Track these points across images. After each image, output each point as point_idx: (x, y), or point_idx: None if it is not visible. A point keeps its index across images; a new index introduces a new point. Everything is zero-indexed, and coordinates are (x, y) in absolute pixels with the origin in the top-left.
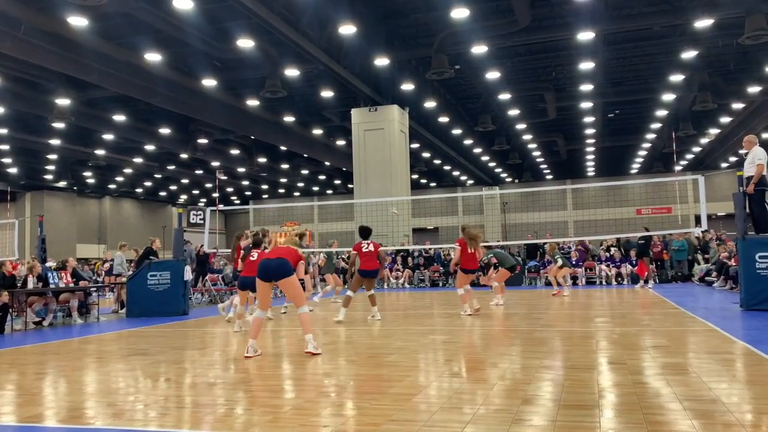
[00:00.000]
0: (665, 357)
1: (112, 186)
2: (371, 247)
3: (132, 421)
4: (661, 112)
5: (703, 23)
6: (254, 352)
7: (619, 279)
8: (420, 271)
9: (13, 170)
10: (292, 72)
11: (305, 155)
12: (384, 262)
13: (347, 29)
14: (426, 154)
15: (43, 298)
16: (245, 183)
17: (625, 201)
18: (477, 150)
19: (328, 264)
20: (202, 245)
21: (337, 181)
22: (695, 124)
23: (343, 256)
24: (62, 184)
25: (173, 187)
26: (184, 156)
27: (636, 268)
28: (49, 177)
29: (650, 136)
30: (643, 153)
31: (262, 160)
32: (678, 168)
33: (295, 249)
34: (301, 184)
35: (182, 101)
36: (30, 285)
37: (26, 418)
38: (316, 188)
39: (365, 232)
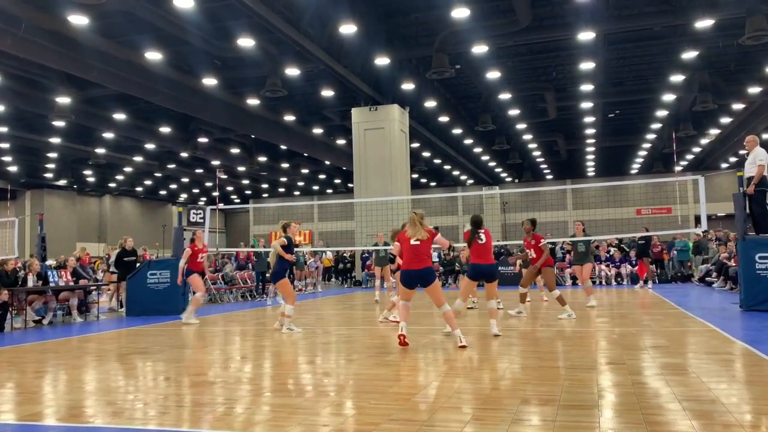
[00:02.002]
0: (665, 357)
1: (112, 184)
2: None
3: (131, 420)
4: (662, 113)
5: (703, 23)
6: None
7: (619, 279)
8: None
9: (13, 168)
10: (292, 71)
11: (305, 154)
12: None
13: (348, 28)
14: (426, 154)
15: (42, 296)
16: (245, 182)
17: (625, 201)
18: (477, 149)
19: (377, 258)
20: (129, 238)
21: (338, 181)
22: (695, 124)
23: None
24: (62, 182)
25: (173, 186)
26: (184, 155)
27: (636, 268)
28: (49, 175)
29: (650, 136)
30: (643, 153)
31: (262, 159)
32: (678, 168)
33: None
34: (301, 184)
35: (182, 100)
36: (30, 283)
37: (26, 417)
38: (316, 187)
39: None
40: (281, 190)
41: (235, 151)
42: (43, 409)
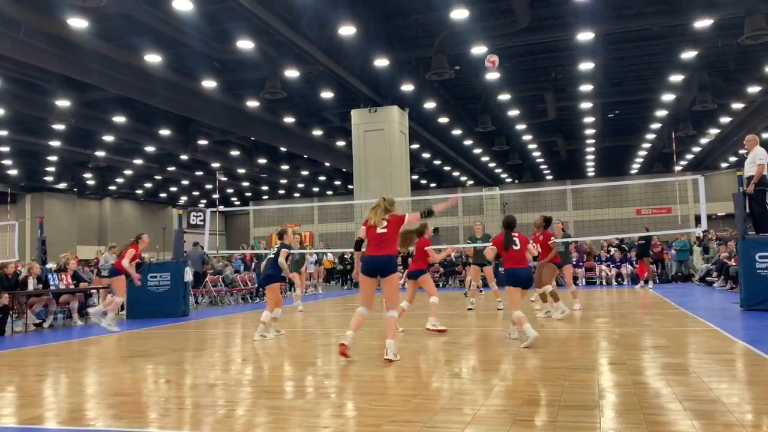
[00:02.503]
0: (665, 357)
1: (112, 187)
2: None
3: (132, 423)
4: (661, 113)
5: (702, 23)
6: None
7: (620, 279)
8: None
9: (13, 172)
10: (291, 73)
11: (305, 156)
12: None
13: (347, 30)
14: (426, 155)
15: (43, 299)
16: (245, 184)
17: (625, 201)
18: (477, 150)
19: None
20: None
21: (337, 182)
22: (695, 124)
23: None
24: (62, 185)
25: (173, 189)
26: (184, 157)
27: (636, 268)
28: (49, 178)
29: (650, 136)
30: (643, 153)
31: (262, 161)
32: (678, 168)
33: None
34: (301, 185)
35: (182, 102)
36: (30, 286)
37: (27, 420)
38: (316, 189)
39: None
40: (281, 191)
41: (234, 153)
42: (44, 412)
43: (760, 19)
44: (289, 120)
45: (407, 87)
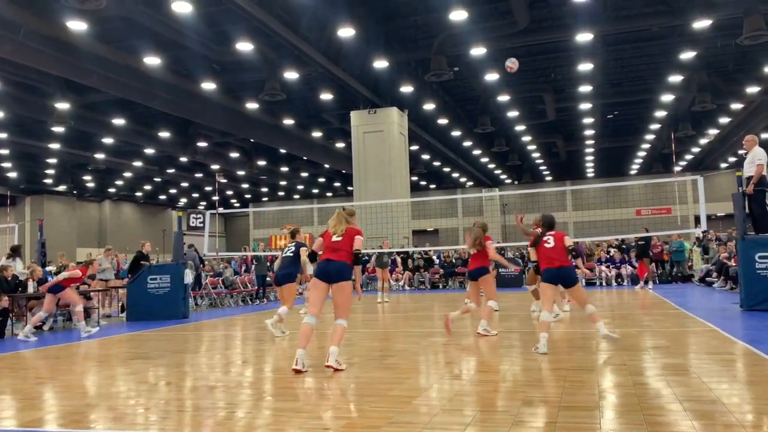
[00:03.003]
0: (665, 358)
1: (111, 190)
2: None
3: (133, 425)
4: (661, 113)
5: (701, 24)
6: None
7: (619, 280)
8: (420, 273)
9: (12, 174)
10: (291, 75)
11: (305, 158)
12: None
13: (346, 32)
14: (425, 156)
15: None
16: (245, 186)
17: (625, 202)
18: (476, 151)
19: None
20: (147, 243)
21: (337, 184)
22: (694, 124)
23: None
24: (62, 188)
25: (173, 191)
26: (183, 159)
27: (636, 269)
28: (48, 181)
29: (649, 136)
30: (642, 154)
31: (261, 162)
32: (677, 168)
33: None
34: (300, 187)
35: (181, 104)
36: (30, 289)
37: (27, 423)
38: (315, 191)
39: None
40: (281, 193)
41: (234, 155)
42: (44, 415)
43: (758, 20)
44: (288, 122)
45: (406, 88)
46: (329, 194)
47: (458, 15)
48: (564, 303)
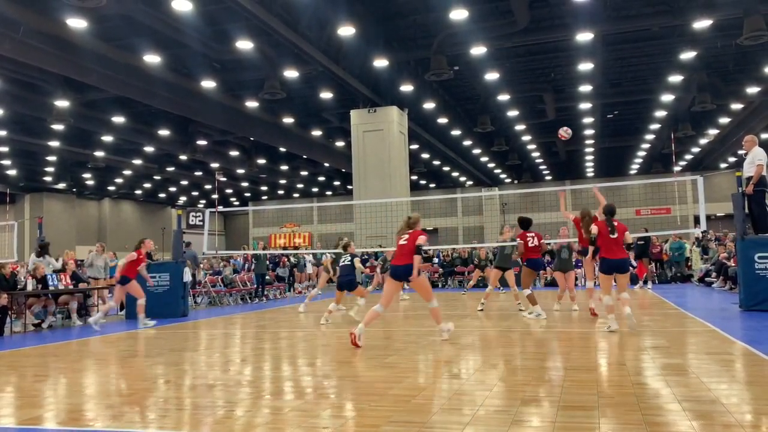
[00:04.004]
0: (664, 358)
1: (111, 188)
2: (536, 240)
3: (131, 423)
4: (660, 113)
5: (701, 24)
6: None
7: None
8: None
9: (12, 172)
10: (291, 73)
11: (304, 156)
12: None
13: (346, 30)
14: (425, 155)
15: (42, 300)
16: (244, 184)
17: (625, 202)
18: (476, 151)
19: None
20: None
21: (337, 183)
22: (694, 124)
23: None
24: (61, 185)
25: (172, 189)
26: (183, 157)
27: (635, 269)
28: (48, 179)
29: (649, 136)
30: (642, 154)
31: (261, 161)
32: (677, 168)
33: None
34: (300, 186)
35: (181, 103)
36: (29, 287)
37: (25, 421)
38: (315, 189)
39: (527, 223)
40: (280, 192)
41: (234, 153)
42: (43, 412)
43: (758, 20)
44: (288, 120)
45: (406, 87)
46: (329, 193)
47: (458, 14)
48: (574, 304)
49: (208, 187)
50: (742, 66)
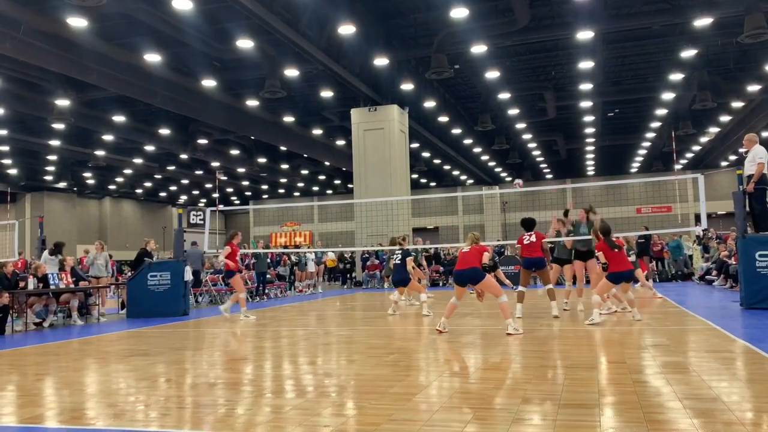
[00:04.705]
0: (665, 356)
1: (112, 187)
2: (533, 238)
3: (133, 422)
4: (661, 111)
5: (702, 22)
6: (443, 328)
7: None
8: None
9: (13, 171)
10: (291, 72)
11: (305, 155)
12: (548, 254)
13: (346, 29)
14: (426, 154)
15: (43, 299)
16: (245, 183)
17: (625, 200)
18: (477, 149)
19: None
20: (151, 240)
21: (337, 181)
22: (695, 122)
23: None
24: (62, 185)
25: (173, 188)
26: (183, 156)
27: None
28: (48, 178)
29: (650, 135)
30: (642, 152)
31: (261, 160)
32: (678, 167)
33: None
34: (301, 185)
35: (182, 102)
36: (30, 286)
37: (27, 419)
38: (316, 188)
39: (528, 224)
40: (281, 191)
41: (234, 152)
42: (45, 411)
43: (759, 18)
44: (288, 119)
45: (407, 86)
46: (329, 192)
47: (459, 12)
48: (579, 302)
49: (208, 186)
50: (742, 64)
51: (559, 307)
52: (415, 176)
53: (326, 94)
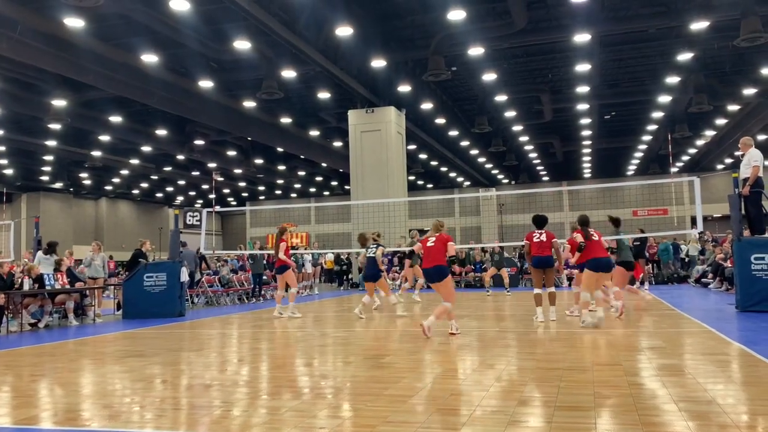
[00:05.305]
0: (661, 358)
1: (108, 187)
2: (543, 237)
3: (128, 423)
4: (657, 114)
5: (698, 25)
6: (456, 329)
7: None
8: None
9: (8, 171)
10: (288, 73)
11: (302, 156)
12: (557, 254)
13: (344, 31)
14: (423, 156)
15: (38, 299)
16: (242, 184)
17: (621, 202)
18: (473, 151)
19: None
20: (147, 241)
21: (334, 183)
22: (691, 125)
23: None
24: (58, 185)
25: (170, 189)
26: (180, 157)
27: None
28: (45, 178)
29: (646, 137)
30: (639, 155)
31: (258, 161)
32: (674, 169)
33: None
34: (297, 186)
35: (179, 102)
36: (26, 286)
37: (22, 420)
38: (312, 189)
39: (540, 221)
40: (278, 192)
41: (231, 153)
42: (40, 412)
43: (755, 21)
44: (285, 120)
45: (404, 88)
46: (326, 193)
47: (456, 15)
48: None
49: (205, 187)
50: (738, 67)
51: (559, 313)
52: (412, 178)
53: (323, 95)
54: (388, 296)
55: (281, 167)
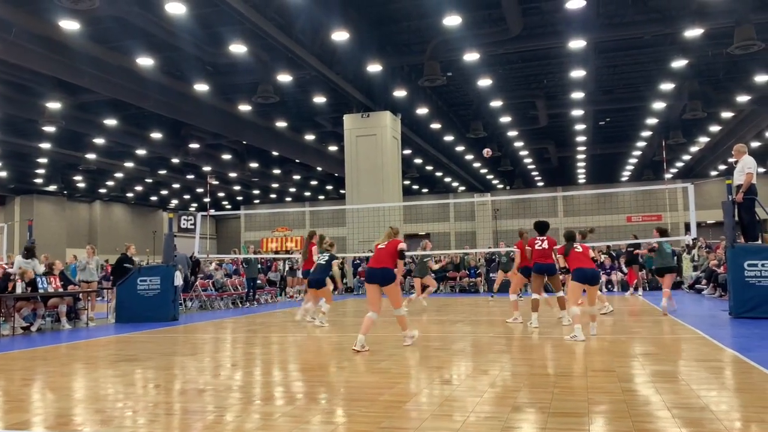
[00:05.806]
0: (655, 365)
1: (102, 190)
2: (545, 244)
3: (121, 428)
4: (652, 120)
5: (693, 33)
6: (362, 347)
7: (609, 286)
8: (411, 276)
9: (2, 174)
10: (284, 77)
11: (297, 161)
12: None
13: (340, 35)
14: (418, 161)
15: (31, 303)
16: (237, 188)
17: (616, 208)
18: (468, 156)
19: (420, 267)
20: (132, 245)
21: (329, 187)
22: (685, 132)
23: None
24: (52, 188)
25: (164, 192)
26: (175, 161)
27: (626, 275)
28: (38, 181)
29: (640, 144)
30: (633, 161)
31: (253, 165)
32: (668, 176)
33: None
34: (293, 190)
35: (174, 106)
36: (18, 290)
37: (13, 425)
38: (308, 194)
39: (542, 227)
40: (273, 196)
41: (226, 157)
42: (31, 417)
43: (749, 29)
44: (281, 124)
45: (400, 93)
46: (321, 197)
47: (452, 20)
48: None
49: (200, 190)
50: (732, 75)
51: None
52: (407, 183)
53: (319, 99)
54: (328, 303)
55: (276, 171)
